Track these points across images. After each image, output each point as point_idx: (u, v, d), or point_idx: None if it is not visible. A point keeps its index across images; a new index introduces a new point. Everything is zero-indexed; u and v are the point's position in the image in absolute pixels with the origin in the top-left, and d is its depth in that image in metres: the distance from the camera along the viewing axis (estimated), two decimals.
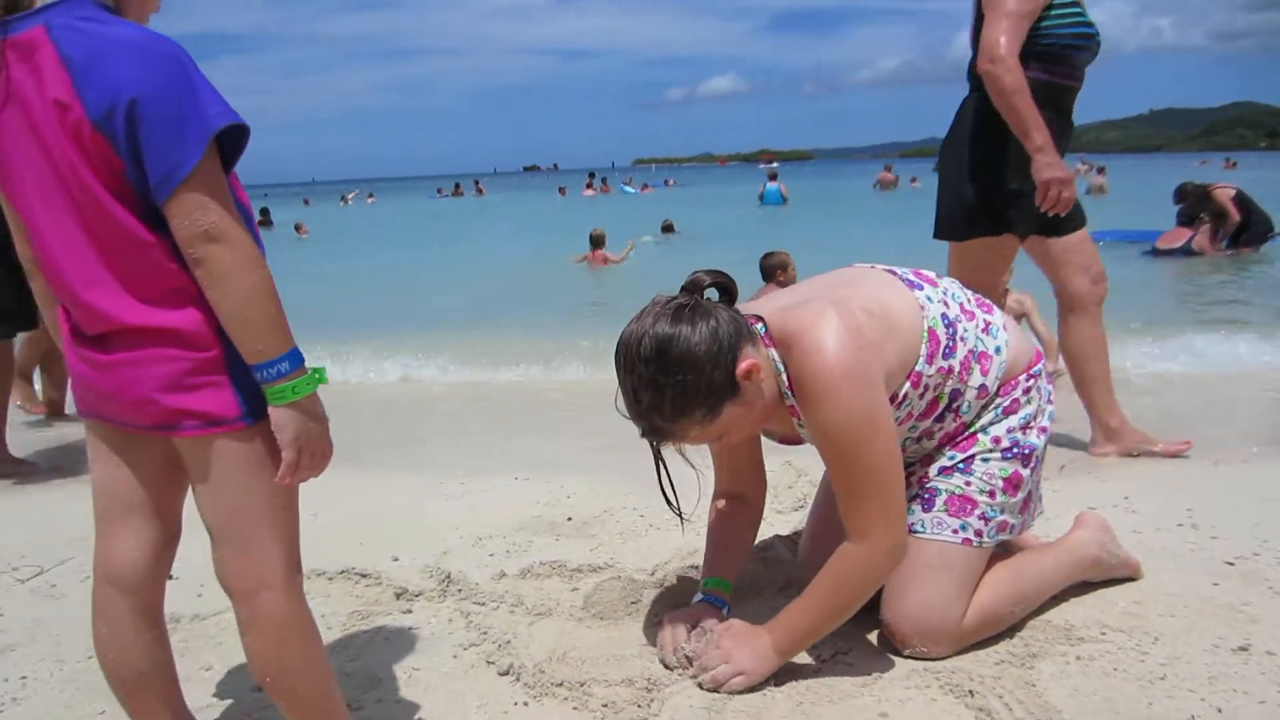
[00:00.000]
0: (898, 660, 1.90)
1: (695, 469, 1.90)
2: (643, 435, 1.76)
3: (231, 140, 1.27)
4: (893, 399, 1.79)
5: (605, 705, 1.75)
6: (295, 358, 1.30)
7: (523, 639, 2.04)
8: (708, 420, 1.71)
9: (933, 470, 1.94)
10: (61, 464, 3.81)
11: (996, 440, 1.91)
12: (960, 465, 1.91)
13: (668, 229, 16.78)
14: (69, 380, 1.38)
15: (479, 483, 3.28)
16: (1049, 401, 2.00)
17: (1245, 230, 10.47)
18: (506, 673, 1.88)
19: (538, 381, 5.43)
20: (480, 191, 45.64)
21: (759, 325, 1.81)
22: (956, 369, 1.86)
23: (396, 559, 2.55)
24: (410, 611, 2.21)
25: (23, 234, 1.38)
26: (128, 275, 1.27)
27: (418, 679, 1.89)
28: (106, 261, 1.27)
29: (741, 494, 2.12)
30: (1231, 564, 2.32)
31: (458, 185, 47.34)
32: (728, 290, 1.81)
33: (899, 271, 1.97)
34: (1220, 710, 1.69)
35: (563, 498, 3.03)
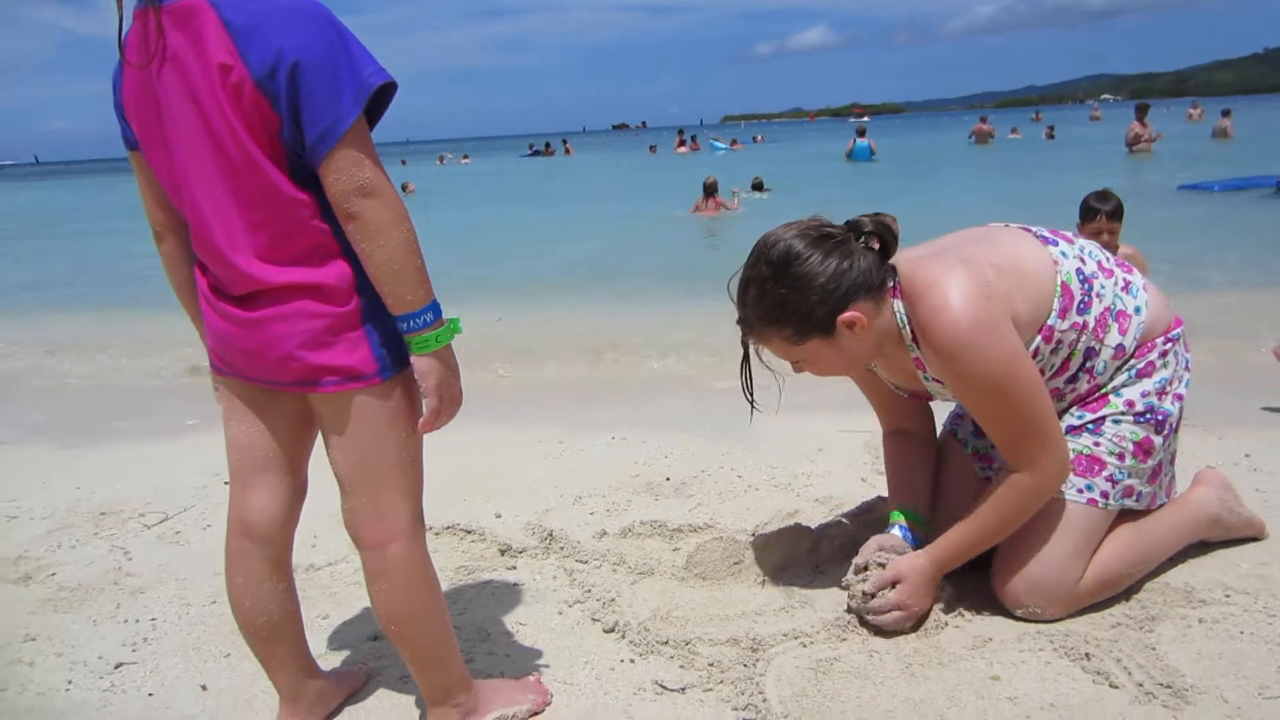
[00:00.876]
0: (1009, 623, 1.86)
1: (774, 372, 1.88)
2: (737, 322, 1.83)
3: (379, 97, 1.30)
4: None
5: (711, 664, 1.75)
6: (437, 309, 1.35)
7: (626, 598, 2.05)
8: (792, 341, 1.77)
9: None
10: (180, 415, 3.98)
11: (1130, 404, 1.85)
12: (1090, 425, 1.86)
13: (758, 186, 16.56)
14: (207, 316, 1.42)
15: (577, 441, 3.32)
16: (1187, 369, 1.92)
17: None
18: (612, 630, 1.90)
19: (647, 337, 5.39)
20: (569, 151, 45.70)
21: (890, 276, 1.80)
22: (1091, 325, 1.82)
23: (499, 515, 2.60)
24: (515, 568, 2.25)
25: (158, 198, 1.44)
26: (275, 233, 1.31)
27: (525, 634, 1.93)
28: (254, 220, 1.31)
29: (903, 429, 2.12)
30: None
31: (548, 144, 47.43)
32: (884, 241, 1.79)
33: (1034, 230, 1.93)
34: None
35: (660, 457, 3.04)
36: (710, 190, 12.85)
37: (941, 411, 2.14)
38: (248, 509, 1.53)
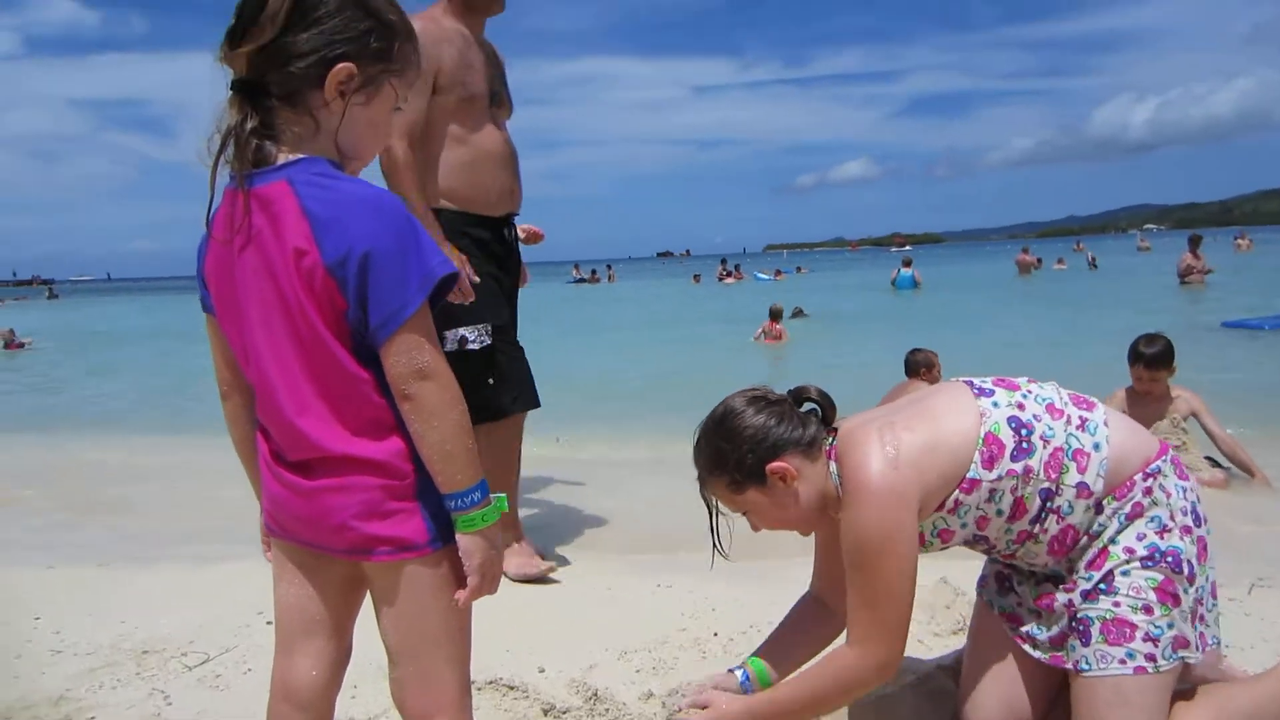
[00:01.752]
0: None
1: (729, 521, 2.04)
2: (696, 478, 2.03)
3: (442, 286, 1.38)
4: (941, 505, 1.84)
5: None
6: (484, 488, 1.39)
7: None
8: (733, 491, 1.95)
9: (1076, 597, 1.84)
10: (229, 545, 3.98)
11: (1130, 551, 1.80)
12: (1102, 585, 1.80)
13: (798, 314, 16.75)
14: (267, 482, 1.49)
15: (624, 587, 3.26)
16: (1187, 497, 1.86)
17: None
18: None
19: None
20: (612, 278, 46.64)
21: (830, 438, 1.96)
22: (1038, 469, 1.82)
23: (543, 670, 2.54)
24: None
25: (227, 360, 1.52)
26: (338, 405, 1.38)
27: None
28: (320, 391, 1.38)
29: (825, 600, 2.15)
30: None
31: (594, 272, 48.52)
32: (823, 408, 2.01)
33: (976, 382, 1.97)
34: None
35: (707, 610, 2.97)
36: (776, 316, 13.91)
37: None
38: (292, 674, 1.53)
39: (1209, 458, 4.79)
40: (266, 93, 1.36)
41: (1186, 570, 1.78)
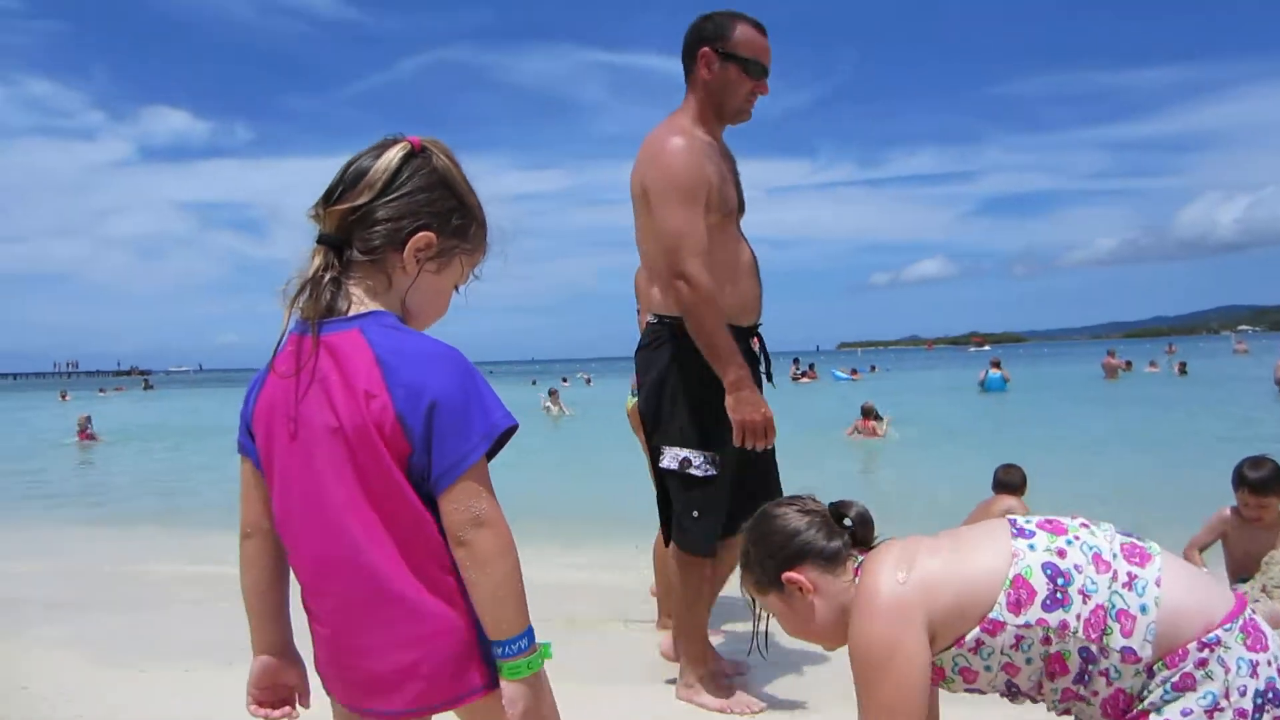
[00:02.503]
0: None
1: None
2: None
3: (502, 437, 1.41)
4: (961, 641, 1.76)
5: None
6: (531, 635, 1.39)
7: None
8: (758, 591, 1.99)
9: None
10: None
11: None
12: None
13: (874, 416, 16.53)
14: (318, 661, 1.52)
15: None
16: (1257, 673, 1.64)
17: None
18: None
19: None
20: None
21: (859, 557, 1.94)
22: (1076, 626, 1.69)
23: None
24: None
25: (261, 503, 1.51)
26: (405, 541, 1.39)
27: None
28: (387, 526, 1.39)
29: None
30: None
31: None
32: (857, 525, 1.97)
33: (1020, 521, 1.88)
34: None
35: None
36: (869, 414, 14.51)
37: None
38: None
39: None
40: (350, 247, 1.45)
41: None
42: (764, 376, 3.16)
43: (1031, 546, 1.79)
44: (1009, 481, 6.85)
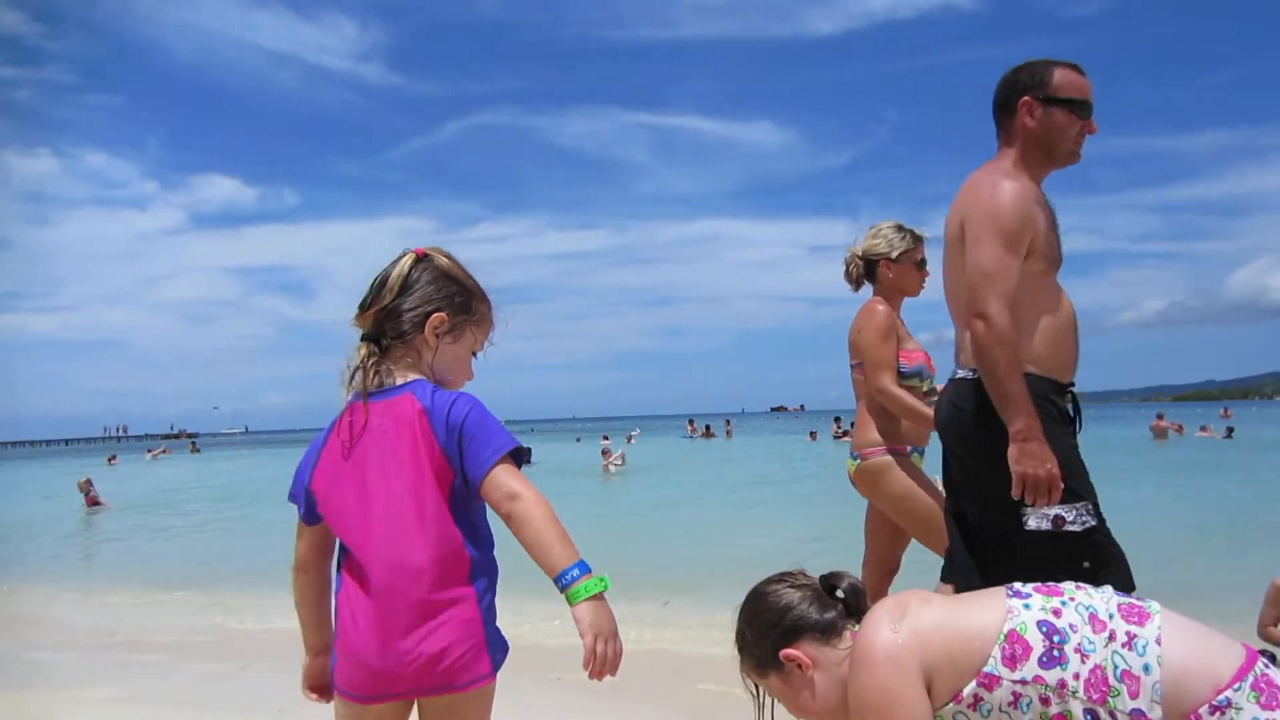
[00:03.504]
0: None
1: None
2: None
3: (515, 455, 1.86)
4: (959, 697, 1.76)
5: None
6: (583, 566, 1.75)
7: None
8: (757, 675, 1.99)
9: None
10: None
11: None
12: None
13: None
14: (334, 661, 1.91)
15: None
16: None
17: None
18: None
19: None
20: (729, 434, 46.50)
21: (855, 625, 1.94)
22: (1074, 685, 1.70)
23: None
24: None
25: (317, 546, 2.00)
26: (443, 559, 1.80)
27: None
28: (436, 547, 1.80)
29: None
30: None
31: (708, 426, 48.54)
32: (849, 596, 2.00)
33: (1017, 585, 1.89)
34: None
35: None
36: None
37: None
38: None
39: None
40: (385, 337, 1.93)
41: None
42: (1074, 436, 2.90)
43: (1026, 606, 1.81)
44: None
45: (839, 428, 38.11)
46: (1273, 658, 4.36)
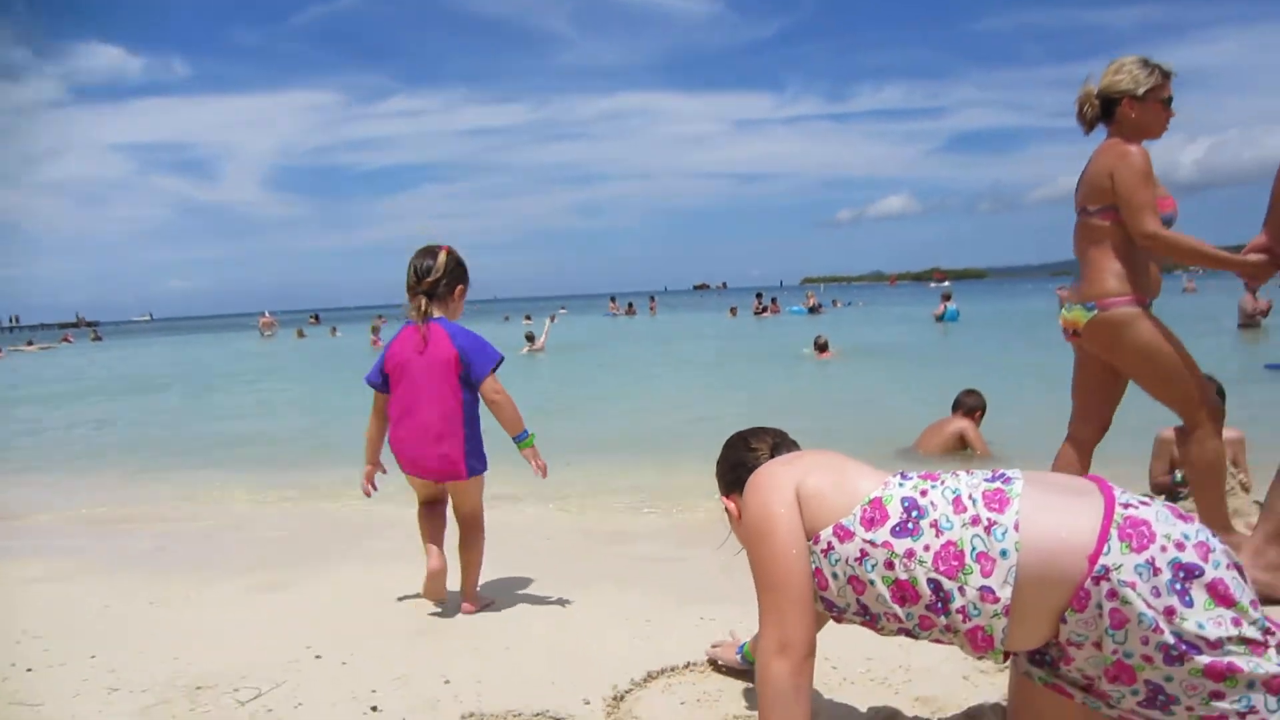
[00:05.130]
0: None
1: None
2: None
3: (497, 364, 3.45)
4: (817, 539, 1.92)
5: None
6: (526, 432, 3.44)
7: None
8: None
9: (1135, 708, 1.72)
10: (270, 575, 4.05)
11: (1148, 659, 1.65)
12: (1160, 698, 1.68)
13: (822, 347, 16.86)
14: (405, 449, 3.46)
15: (665, 618, 3.28)
16: (1156, 572, 1.64)
17: None
18: None
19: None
20: (653, 311, 46.78)
21: None
22: (923, 555, 1.80)
23: (588, 702, 2.56)
24: None
25: (385, 410, 3.55)
26: (454, 416, 3.41)
27: None
28: (447, 412, 3.41)
29: None
30: None
31: (631, 304, 48.70)
32: (775, 449, 2.22)
33: (910, 473, 2.00)
34: None
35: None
36: (821, 347, 16.78)
37: None
38: (431, 555, 3.52)
39: (1256, 500, 4.67)
40: (432, 296, 3.45)
41: (1213, 633, 1.62)
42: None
43: (900, 484, 1.94)
44: (965, 403, 7.08)
45: (759, 304, 38.70)
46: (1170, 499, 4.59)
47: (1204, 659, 1.61)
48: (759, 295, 41.74)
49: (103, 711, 2.63)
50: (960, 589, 1.77)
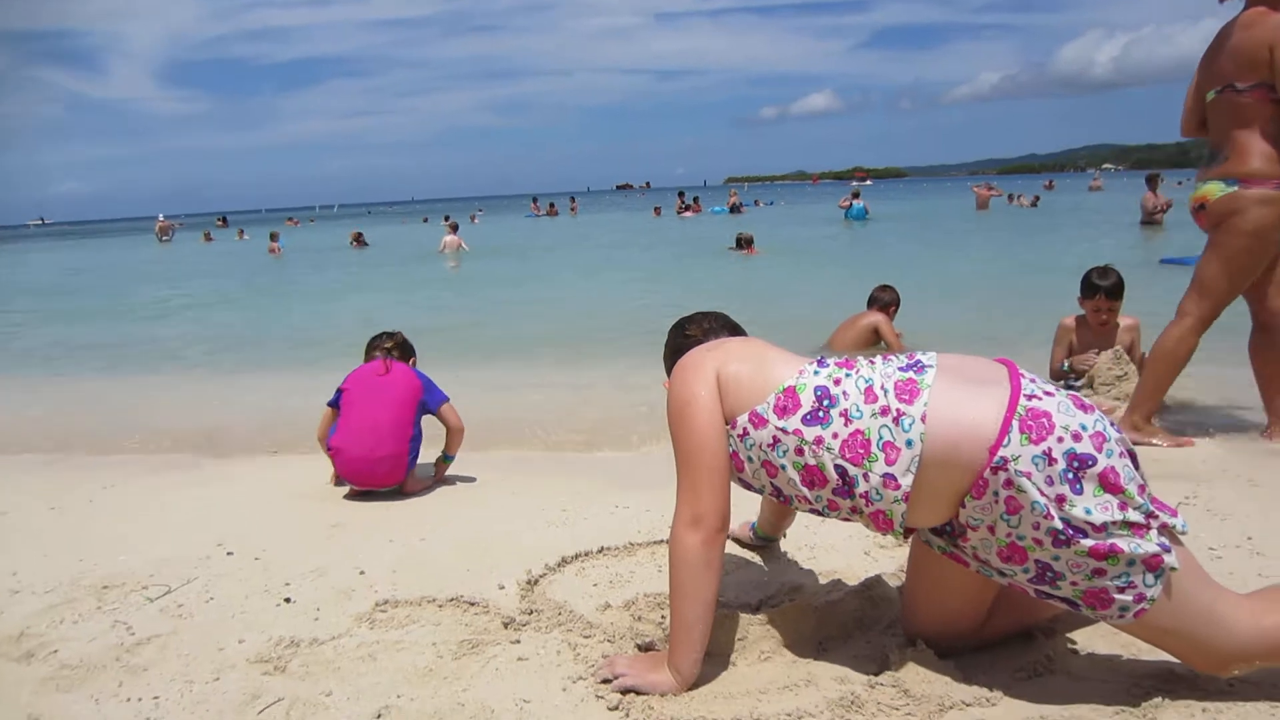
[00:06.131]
0: (1014, 709, 1.85)
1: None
2: None
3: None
4: (734, 424, 1.98)
5: None
6: (452, 457, 3.90)
7: None
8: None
9: (1027, 586, 1.83)
10: (178, 483, 3.99)
11: (1038, 542, 1.75)
12: (1049, 575, 1.78)
13: (744, 243, 17.07)
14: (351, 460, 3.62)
15: (579, 509, 3.33)
16: (1052, 461, 1.71)
17: None
18: (615, 709, 1.90)
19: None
20: (574, 211, 46.21)
21: None
22: (830, 442, 1.87)
23: (503, 587, 2.60)
24: (519, 642, 2.24)
25: (332, 421, 3.81)
26: (403, 434, 3.67)
27: (529, 711, 1.92)
28: (399, 431, 3.65)
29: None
30: None
31: (552, 205, 47.98)
32: (704, 334, 2.35)
33: (825, 358, 2.06)
34: None
35: (663, 526, 3.04)
36: (743, 242, 17.16)
37: None
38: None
39: None
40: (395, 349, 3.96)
41: (1099, 518, 1.70)
42: None
43: (816, 372, 1.97)
44: (880, 298, 7.21)
45: (682, 203, 38.49)
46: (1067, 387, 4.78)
47: (1089, 541, 1.70)
48: (681, 194, 41.45)
49: (5, 612, 2.58)
50: (864, 475, 1.84)
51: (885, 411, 1.84)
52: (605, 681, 2.00)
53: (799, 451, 1.90)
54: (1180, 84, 3.34)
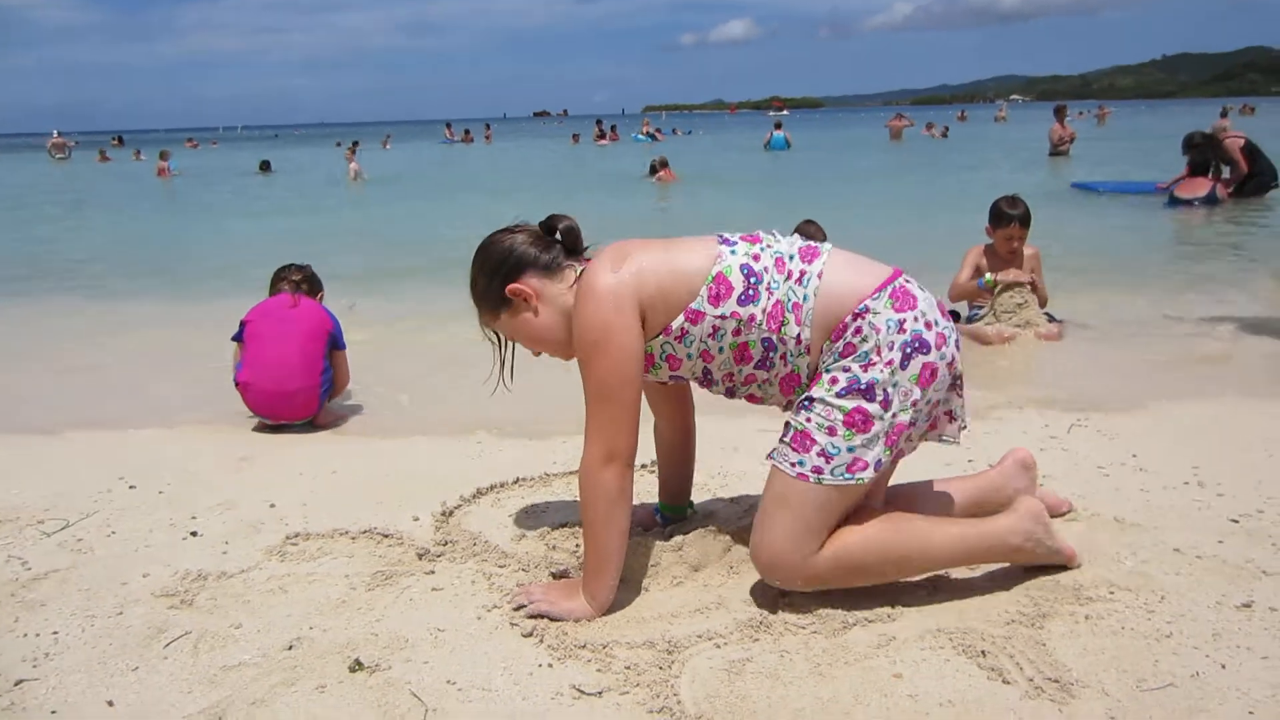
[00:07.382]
0: (912, 621, 1.94)
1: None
2: None
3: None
4: (668, 330, 1.99)
5: (628, 667, 1.79)
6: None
7: None
8: (491, 318, 2.16)
9: (791, 410, 2.01)
10: (76, 413, 3.85)
11: (834, 380, 1.92)
12: (805, 402, 1.96)
13: (658, 166, 17.15)
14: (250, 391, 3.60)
15: (495, 443, 3.32)
16: (905, 329, 1.91)
17: (1250, 180, 10.74)
18: (529, 635, 1.92)
19: None
20: (489, 139, 45.20)
21: (580, 266, 2.11)
22: (760, 318, 1.96)
23: (417, 519, 2.59)
24: (433, 572, 2.25)
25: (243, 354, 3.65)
26: (314, 367, 3.61)
27: (443, 640, 1.93)
28: (309, 364, 3.60)
29: (658, 423, 2.45)
30: (1236, 521, 2.38)
31: (467, 131, 46.81)
32: (567, 236, 2.14)
33: (727, 235, 2.10)
34: (1224, 666, 1.74)
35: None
36: (661, 165, 17.23)
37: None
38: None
39: (1047, 313, 5.06)
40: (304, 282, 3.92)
41: (882, 397, 1.89)
42: None
43: (733, 252, 2.01)
44: (805, 231, 7.28)
45: (600, 131, 37.98)
46: (955, 316, 4.92)
47: (862, 405, 1.89)
48: (599, 122, 40.88)
49: None
50: (781, 339, 1.97)
51: (791, 275, 1.98)
52: (520, 609, 2.02)
53: (736, 332, 1.98)
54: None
